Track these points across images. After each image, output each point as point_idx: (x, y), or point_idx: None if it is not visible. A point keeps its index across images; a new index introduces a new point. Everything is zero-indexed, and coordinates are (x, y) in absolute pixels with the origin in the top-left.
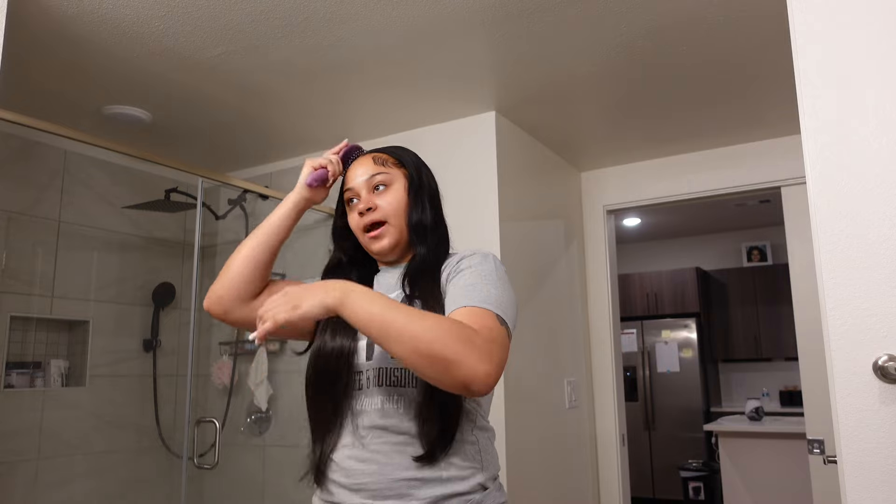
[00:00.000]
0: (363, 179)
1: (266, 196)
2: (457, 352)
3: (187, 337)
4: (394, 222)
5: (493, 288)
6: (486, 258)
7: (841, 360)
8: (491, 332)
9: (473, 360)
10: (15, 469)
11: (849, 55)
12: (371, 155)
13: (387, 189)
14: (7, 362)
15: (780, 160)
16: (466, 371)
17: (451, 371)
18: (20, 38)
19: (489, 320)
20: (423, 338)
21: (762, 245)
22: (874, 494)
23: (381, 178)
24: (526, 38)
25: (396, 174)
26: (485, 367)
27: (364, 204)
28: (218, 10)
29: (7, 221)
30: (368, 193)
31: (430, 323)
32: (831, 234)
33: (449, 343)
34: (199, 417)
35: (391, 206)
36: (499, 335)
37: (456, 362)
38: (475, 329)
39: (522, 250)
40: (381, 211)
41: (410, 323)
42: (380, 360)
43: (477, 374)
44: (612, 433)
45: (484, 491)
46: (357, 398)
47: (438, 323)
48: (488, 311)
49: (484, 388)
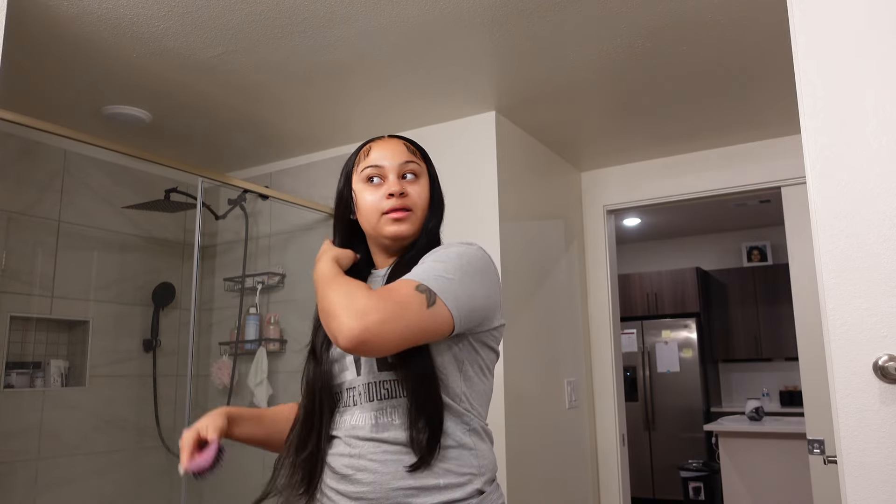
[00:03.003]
0: (395, 163)
1: (266, 196)
2: (334, 304)
3: (187, 337)
4: (419, 214)
5: (438, 264)
6: (460, 244)
7: (841, 360)
8: (389, 294)
9: (344, 316)
10: (15, 469)
11: (849, 55)
12: (402, 140)
13: (416, 180)
14: (7, 362)
15: (780, 160)
16: (335, 325)
17: (328, 324)
18: (20, 38)
19: (400, 286)
20: (323, 293)
21: (762, 245)
22: (874, 494)
23: (413, 168)
24: (526, 38)
25: (423, 169)
26: (350, 323)
27: (398, 187)
28: (218, 10)
29: (7, 221)
30: (398, 178)
31: (340, 282)
32: (831, 234)
33: (332, 298)
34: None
35: (420, 198)
36: (401, 297)
37: (331, 315)
38: (369, 291)
39: (522, 250)
40: (411, 200)
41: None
42: (368, 374)
43: (341, 329)
44: (612, 433)
45: (480, 496)
46: (351, 413)
47: (346, 284)
48: (408, 281)
49: (346, 344)
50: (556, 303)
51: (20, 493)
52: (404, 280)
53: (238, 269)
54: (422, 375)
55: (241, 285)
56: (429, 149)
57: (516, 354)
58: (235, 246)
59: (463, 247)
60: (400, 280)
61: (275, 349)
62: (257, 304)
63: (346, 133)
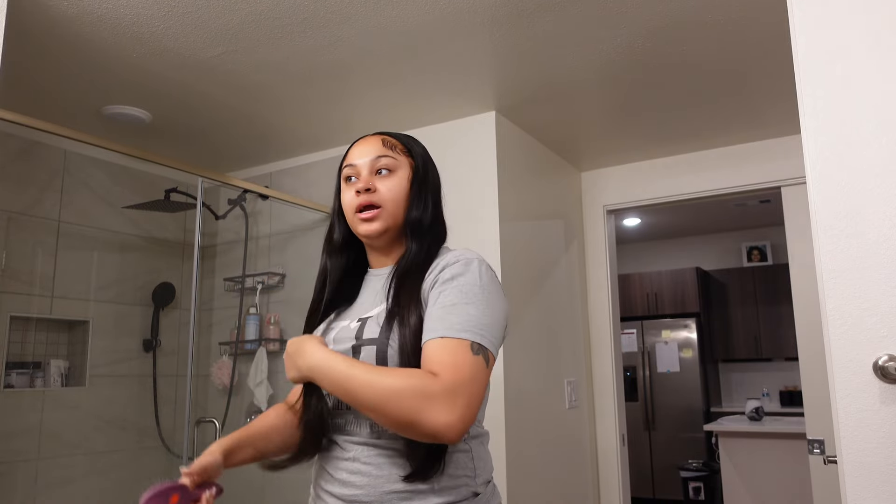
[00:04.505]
0: (367, 159)
1: (266, 196)
2: (415, 410)
3: (187, 337)
4: (390, 209)
5: (472, 308)
6: (468, 266)
7: (841, 360)
8: (458, 372)
9: (433, 415)
10: (15, 469)
11: (849, 55)
12: (380, 136)
13: (390, 175)
14: (7, 362)
15: (780, 160)
16: (428, 427)
17: (414, 429)
18: (20, 38)
19: (460, 354)
20: (382, 403)
21: (762, 245)
22: (874, 494)
23: (386, 163)
24: (526, 38)
25: (403, 162)
26: (445, 419)
27: (363, 184)
28: (218, 10)
29: (7, 221)
30: (370, 174)
31: (386, 385)
32: (831, 234)
33: (405, 404)
34: (199, 417)
35: (391, 192)
36: (469, 370)
37: (416, 421)
38: (435, 377)
39: (522, 250)
40: (380, 195)
41: (369, 388)
42: None
43: (438, 428)
44: (612, 433)
45: (475, 497)
46: (345, 417)
47: (393, 383)
48: (462, 342)
49: (452, 437)
50: (556, 303)
51: (20, 493)
52: (459, 344)
53: (238, 269)
54: None
55: (241, 285)
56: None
57: (516, 354)
58: (235, 246)
59: (474, 273)
60: (454, 346)
61: (275, 349)
62: (257, 304)
63: (346, 133)
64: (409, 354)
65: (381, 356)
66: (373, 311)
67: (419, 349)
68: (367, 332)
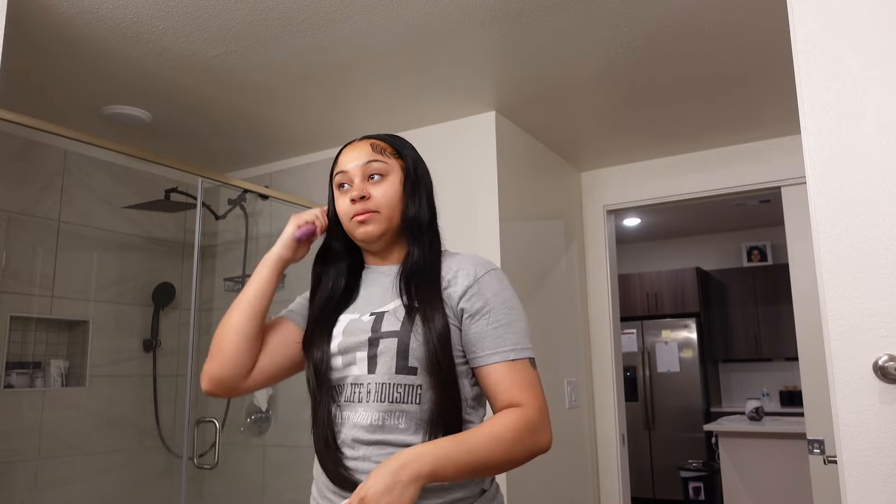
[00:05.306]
0: (358, 165)
1: (266, 196)
2: (531, 446)
3: (187, 337)
4: (386, 213)
5: (518, 322)
6: (500, 278)
7: (841, 360)
8: (535, 395)
9: (541, 441)
10: (15, 469)
11: (849, 55)
12: (368, 140)
13: (382, 180)
14: (7, 362)
15: (780, 160)
16: (540, 452)
17: (531, 458)
18: (20, 38)
19: (528, 375)
20: (507, 456)
21: (762, 245)
22: (874, 494)
23: (378, 168)
24: (526, 38)
25: (393, 165)
26: (548, 438)
27: (357, 192)
28: (218, 10)
29: (7, 221)
30: (362, 181)
31: (501, 439)
32: (831, 234)
33: (521, 446)
34: (199, 417)
35: (385, 198)
36: (538, 386)
37: (533, 453)
38: (524, 408)
39: (522, 250)
40: (375, 202)
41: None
42: (384, 375)
43: (545, 449)
44: (612, 433)
45: (483, 494)
46: (355, 410)
47: (505, 434)
48: (524, 363)
49: (550, 447)
50: (556, 303)
51: (20, 493)
52: (524, 366)
53: (238, 269)
54: (447, 383)
55: (241, 285)
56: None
57: None
58: (235, 246)
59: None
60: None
61: None
62: None
63: (346, 133)
64: (436, 351)
65: (403, 348)
66: (387, 307)
67: (446, 347)
68: (386, 325)
